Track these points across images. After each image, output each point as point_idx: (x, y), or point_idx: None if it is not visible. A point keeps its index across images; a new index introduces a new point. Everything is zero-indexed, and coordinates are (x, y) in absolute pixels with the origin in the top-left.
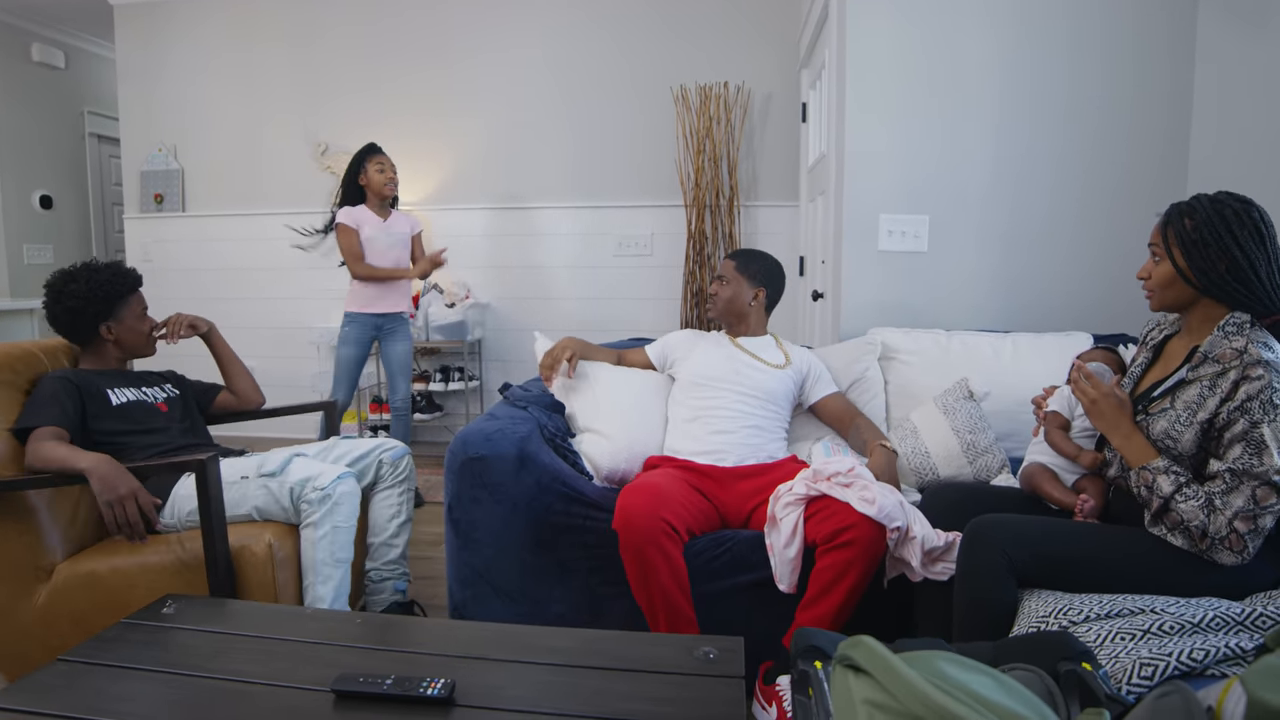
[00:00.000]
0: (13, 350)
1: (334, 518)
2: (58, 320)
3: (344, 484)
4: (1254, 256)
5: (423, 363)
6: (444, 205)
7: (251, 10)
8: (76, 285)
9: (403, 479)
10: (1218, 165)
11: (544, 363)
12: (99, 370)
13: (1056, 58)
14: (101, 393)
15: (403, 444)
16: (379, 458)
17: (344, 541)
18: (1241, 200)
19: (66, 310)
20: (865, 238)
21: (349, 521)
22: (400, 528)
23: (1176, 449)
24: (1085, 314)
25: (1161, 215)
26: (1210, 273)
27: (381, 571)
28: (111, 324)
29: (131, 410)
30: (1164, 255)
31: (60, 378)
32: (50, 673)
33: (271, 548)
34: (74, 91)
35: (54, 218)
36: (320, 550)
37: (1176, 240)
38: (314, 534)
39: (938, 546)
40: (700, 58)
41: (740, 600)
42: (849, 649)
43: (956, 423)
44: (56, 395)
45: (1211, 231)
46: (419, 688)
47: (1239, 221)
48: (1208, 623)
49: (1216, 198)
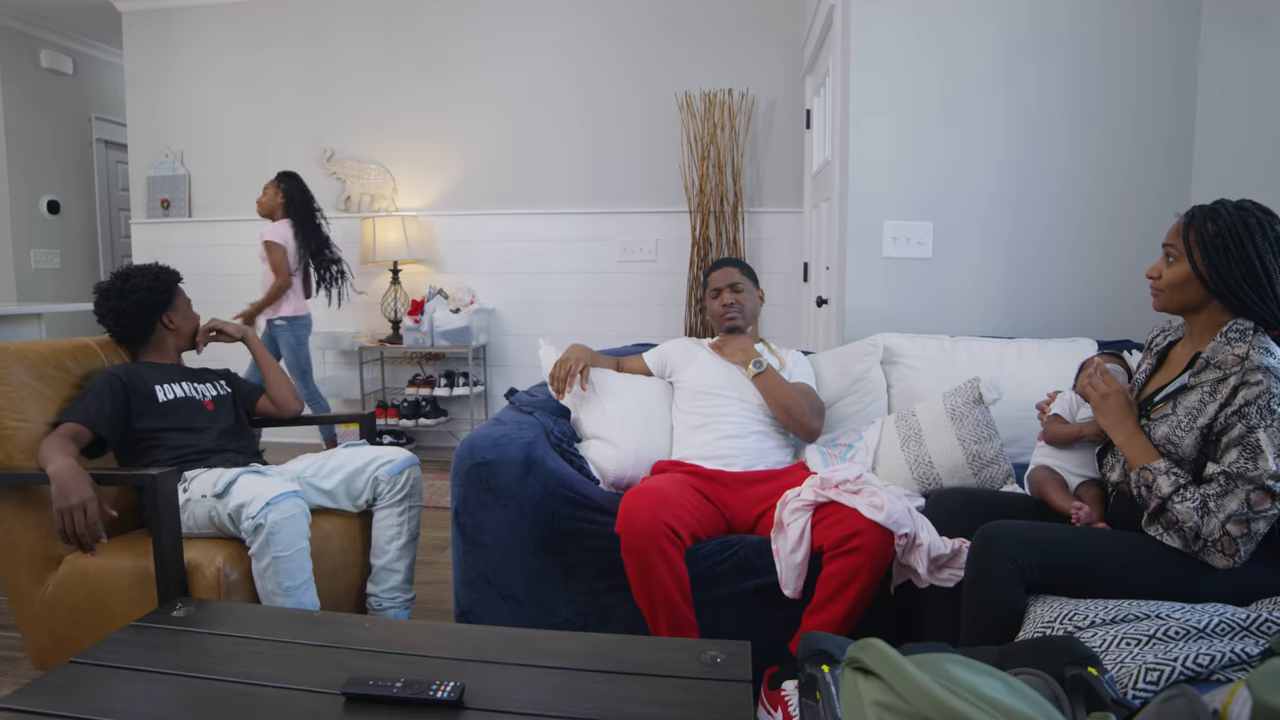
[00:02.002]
0: (69, 345)
1: (272, 548)
2: (123, 318)
3: (277, 510)
4: (1271, 267)
5: (427, 368)
6: (450, 211)
7: (258, 16)
8: (137, 280)
9: (402, 496)
10: (1220, 173)
11: (555, 373)
12: (157, 364)
13: (1060, 65)
14: (150, 389)
15: (405, 456)
16: (374, 474)
17: (290, 569)
18: (1266, 211)
19: (135, 304)
20: (869, 244)
21: (290, 549)
22: (402, 550)
23: (1178, 453)
24: (1090, 320)
25: (1183, 216)
26: (1227, 277)
27: (381, 599)
28: (171, 314)
29: (177, 408)
30: (1181, 256)
31: (111, 374)
32: (62, 674)
33: (221, 571)
34: (82, 97)
35: (61, 223)
36: (266, 582)
37: (1198, 241)
38: (258, 566)
39: (944, 553)
40: (705, 64)
41: (746, 605)
42: (858, 651)
43: (963, 431)
44: (99, 392)
45: (1234, 238)
46: (429, 691)
47: (1262, 231)
48: (1213, 628)
49: (1241, 205)
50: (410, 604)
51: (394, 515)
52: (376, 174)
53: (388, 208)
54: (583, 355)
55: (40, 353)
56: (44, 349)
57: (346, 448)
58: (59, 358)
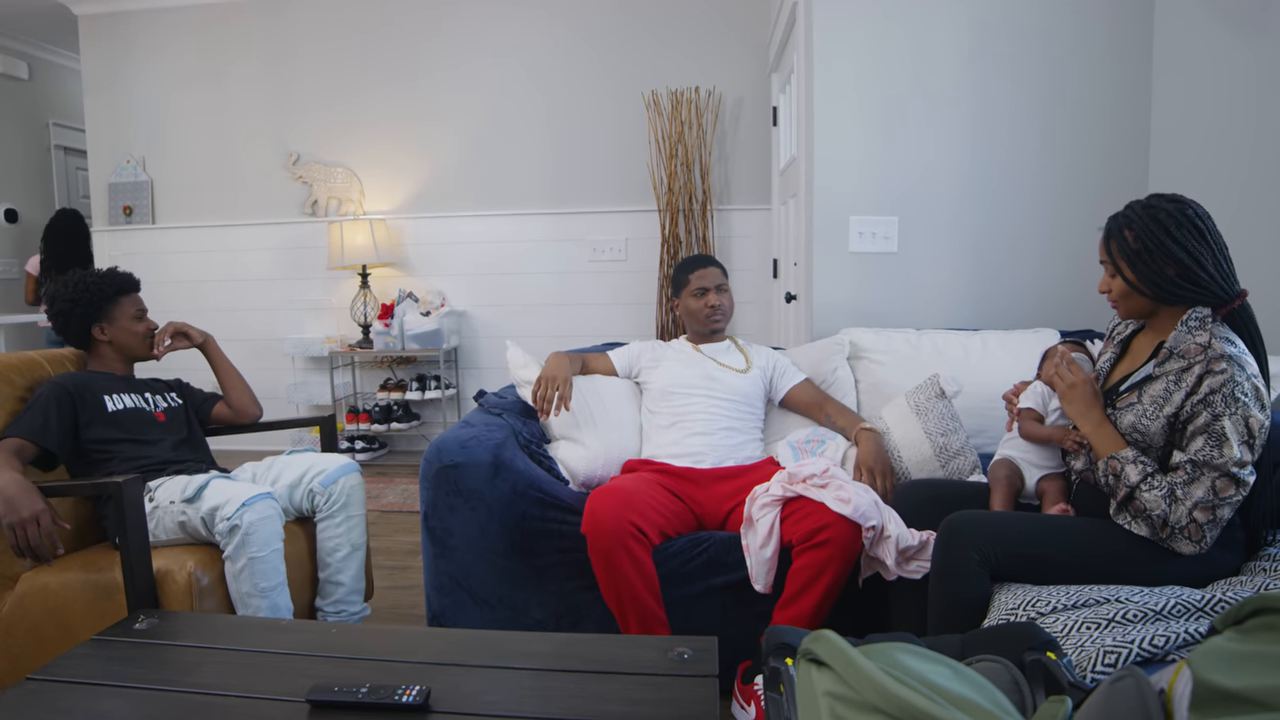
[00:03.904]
0: (13, 359)
1: (248, 549)
2: (57, 321)
3: (252, 510)
4: (1199, 254)
5: (399, 372)
6: (418, 213)
7: (220, 18)
8: (65, 288)
9: (339, 507)
10: (1177, 166)
11: (538, 392)
12: (103, 373)
13: (1021, 61)
14: (98, 399)
15: (339, 465)
16: (309, 486)
17: (266, 570)
18: (1173, 200)
19: (59, 313)
20: (836, 239)
21: (266, 549)
22: (343, 562)
23: (1144, 442)
24: (1052, 310)
25: (1102, 230)
26: (1160, 280)
27: (328, 614)
28: (104, 325)
29: (126, 418)
30: (1114, 270)
31: (56, 384)
32: (19, 691)
33: (193, 576)
34: (39, 103)
35: (19, 231)
36: (241, 584)
37: (1121, 254)
38: (233, 568)
39: (912, 545)
40: (671, 62)
41: (717, 601)
42: (811, 643)
43: (929, 425)
44: (44, 404)
45: (1152, 239)
46: (394, 695)
47: (1175, 223)
48: (1169, 610)
49: (1149, 203)
50: (363, 617)
51: (333, 527)
52: (343, 177)
53: (355, 211)
54: (564, 371)
55: None
56: None
57: (290, 454)
58: (3, 372)
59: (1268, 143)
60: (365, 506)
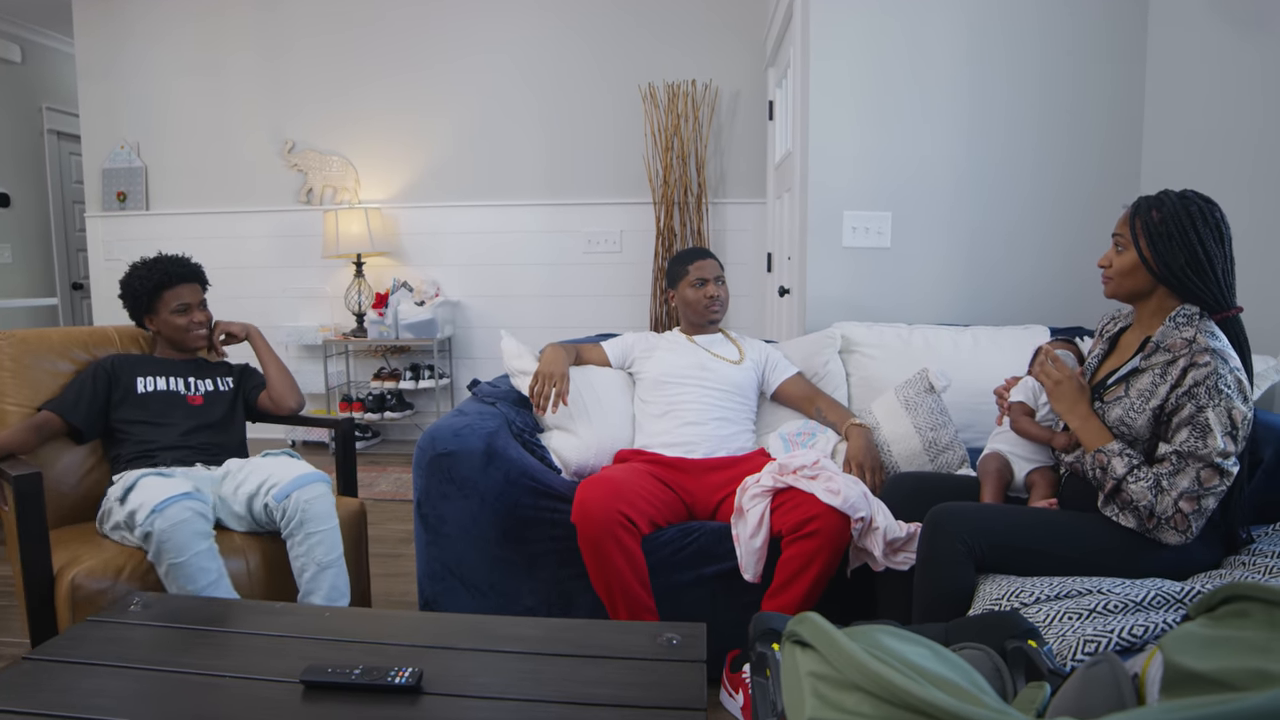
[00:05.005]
0: (83, 333)
1: (166, 556)
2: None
3: (163, 517)
4: (1213, 253)
5: (393, 361)
6: (414, 203)
7: (216, 9)
8: (124, 279)
9: (296, 524)
10: (1169, 165)
11: (535, 388)
12: (150, 356)
13: (1018, 59)
14: (131, 380)
15: (293, 477)
16: (264, 500)
17: (190, 574)
18: (1206, 200)
19: (122, 299)
20: (829, 234)
21: (184, 554)
22: (312, 582)
23: (1131, 434)
24: (1043, 307)
25: (1129, 207)
26: (1171, 263)
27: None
28: (152, 317)
29: (153, 400)
30: (1128, 244)
31: (98, 363)
32: (16, 671)
33: (73, 584)
34: (32, 87)
35: (12, 216)
36: (171, 588)
37: (1143, 230)
38: (160, 571)
39: (899, 537)
40: (668, 56)
41: (707, 591)
42: (796, 625)
43: (918, 419)
44: (81, 381)
45: (1177, 225)
46: (387, 677)
47: (1202, 218)
48: (1149, 601)
49: (1184, 194)
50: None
51: (295, 546)
52: (339, 166)
53: (350, 200)
54: (561, 367)
55: (51, 341)
56: (56, 337)
57: (264, 457)
58: (69, 346)
59: (1257, 141)
60: (335, 518)
